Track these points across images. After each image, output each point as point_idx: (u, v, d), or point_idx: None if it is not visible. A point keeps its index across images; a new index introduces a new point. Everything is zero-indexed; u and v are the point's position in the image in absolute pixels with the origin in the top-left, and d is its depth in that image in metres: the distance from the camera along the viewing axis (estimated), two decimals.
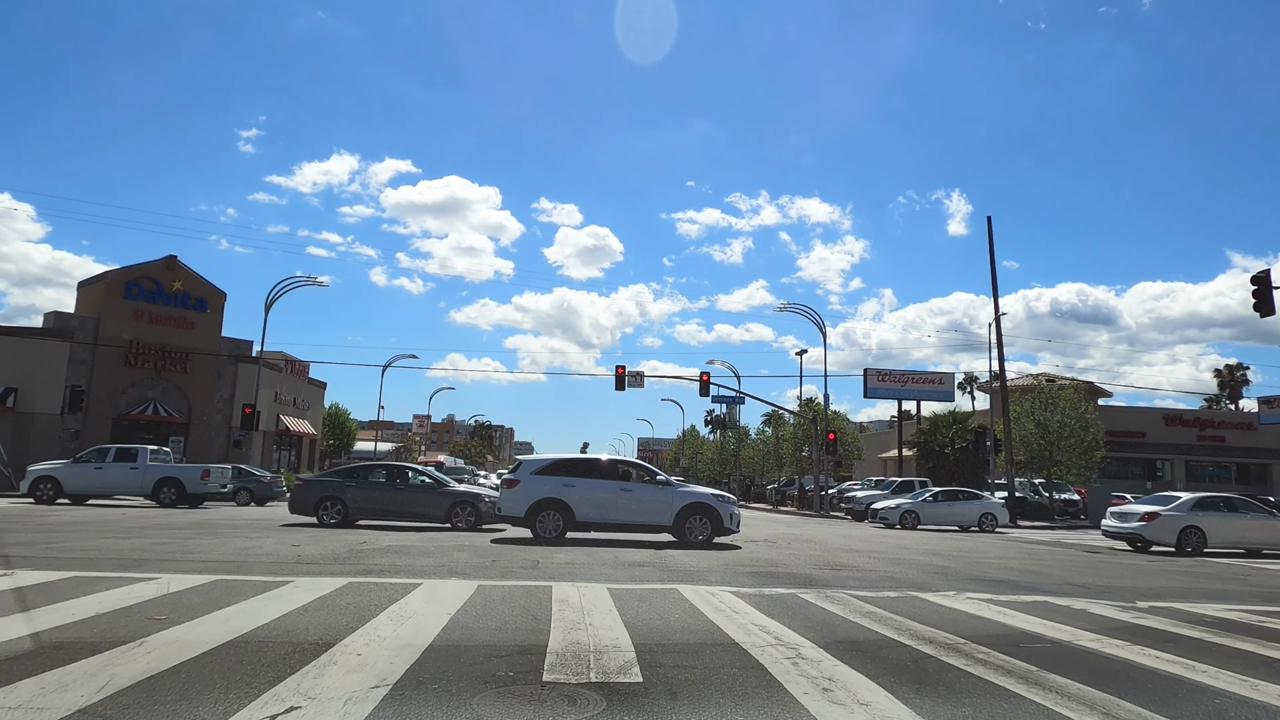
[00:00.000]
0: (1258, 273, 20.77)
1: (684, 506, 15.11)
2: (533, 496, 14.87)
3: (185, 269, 39.71)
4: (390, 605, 7.16)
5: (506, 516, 15.28)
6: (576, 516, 14.84)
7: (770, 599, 8.47)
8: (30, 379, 34.06)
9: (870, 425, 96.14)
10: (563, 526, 14.84)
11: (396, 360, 69.28)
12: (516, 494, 15.01)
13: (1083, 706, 4.54)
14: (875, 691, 4.70)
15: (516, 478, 15.23)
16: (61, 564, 9.37)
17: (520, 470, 15.43)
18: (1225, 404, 70.30)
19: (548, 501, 14.84)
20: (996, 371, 35.52)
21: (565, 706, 4.24)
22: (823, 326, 40.80)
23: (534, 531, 14.83)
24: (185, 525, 16.54)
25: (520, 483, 15.11)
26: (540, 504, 14.83)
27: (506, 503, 15.16)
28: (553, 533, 14.74)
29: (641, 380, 40.07)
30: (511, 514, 15.09)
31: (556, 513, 14.82)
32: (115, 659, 4.90)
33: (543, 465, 15.50)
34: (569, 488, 14.97)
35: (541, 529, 14.77)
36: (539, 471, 15.28)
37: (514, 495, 15.03)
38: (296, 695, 4.24)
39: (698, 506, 15.20)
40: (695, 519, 15.04)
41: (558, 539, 14.59)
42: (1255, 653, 6.42)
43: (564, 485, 14.99)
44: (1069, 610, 8.43)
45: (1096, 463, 37.13)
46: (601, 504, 14.98)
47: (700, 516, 15.07)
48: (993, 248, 36.36)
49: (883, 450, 60.37)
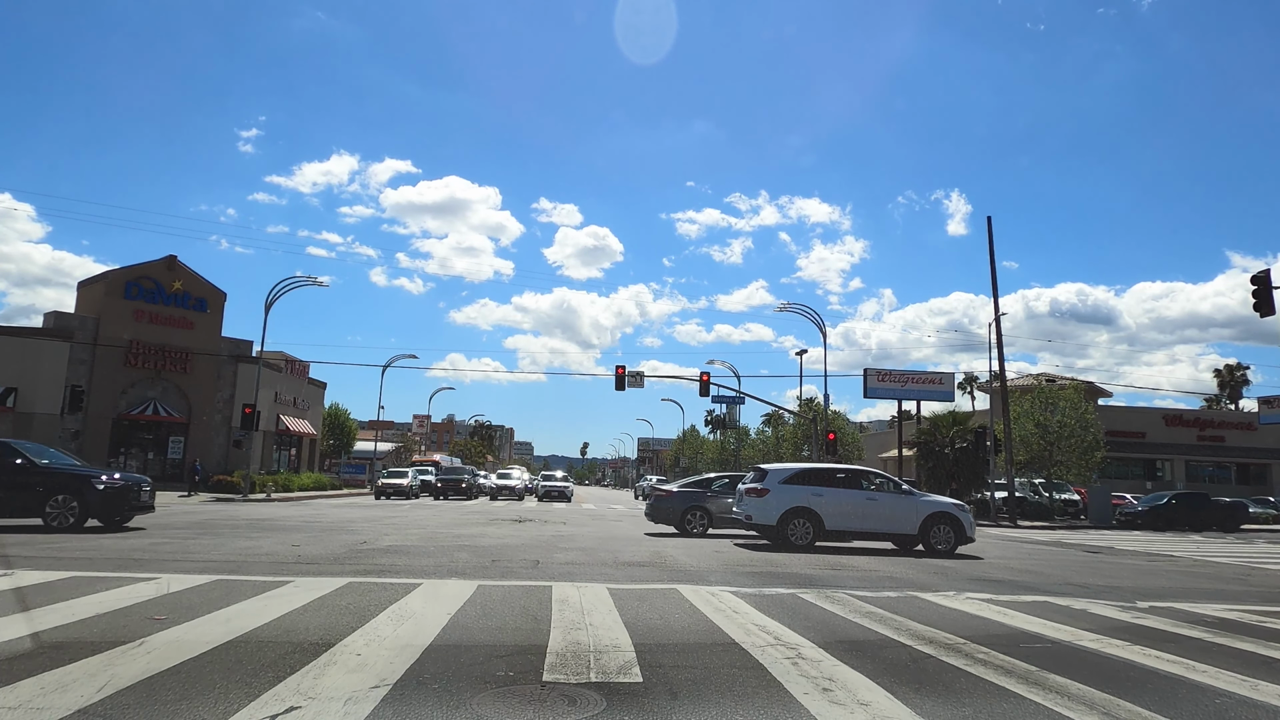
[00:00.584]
0: (1258, 273, 20.78)
1: (929, 515, 15.21)
2: (784, 505, 14.97)
3: (185, 269, 39.71)
4: (390, 605, 7.16)
5: (757, 525, 15.38)
6: (826, 525, 15.00)
7: (770, 599, 8.46)
8: (30, 379, 34.05)
9: (870, 425, 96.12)
10: (813, 535, 14.95)
11: (396, 360, 69.38)
12: (766, 503, 15.12)
13: (1083, 706, 4.53)
14: (875, 691, 4.70)
15: (765, 486, 15.30)
16: (61, 564, 9.37)
17: (768, 479, 15.51)
18: (1225, 404, 70.28)
19: (799, 510, 14.96)
20: (996, 371, 35.50)
21: (565, 706, 4.24)
22: (822, 326, 40.82)
23: (785, 539, 14.90)
24: (185, 525, 16.54)
25: (770, 492, 15.21)
26: (791, 513, 14.93)
27: (756, 511, 15.26)
28: (804, 540, 14.85)
29: (641, 380, 40.05)
30: (762, 522, 15.20)
31: (807, 521, 14.95)
32: (115, 659, 4.90)
33: (790, 474, 15.68)
34: (818, 497, 15.14)
35: (793, 537, 14.88)
36: (786, 480, 15.42)
37: (764, 504, 15.14)
38: (296, 695, 4.24)
39: (942, 515, 15.29)
40: (940, 527, 15.16)
41: (807, 547, 14.72)
42: (1255, 653, 6.42)
43: (813, 494, 15.16)
44: (1069, 610, 8.43)
45: (1096, 463, 37.12)
46: (850, 513, 15.15)
47: (944, 525, 15.20)
48: (993, 248, 36.37)
49: (883, 450, 60.37)
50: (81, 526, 14.18)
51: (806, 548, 14.63)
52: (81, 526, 14.18)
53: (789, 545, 14.74)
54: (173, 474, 38.43)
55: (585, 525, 21.74)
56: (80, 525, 14.19)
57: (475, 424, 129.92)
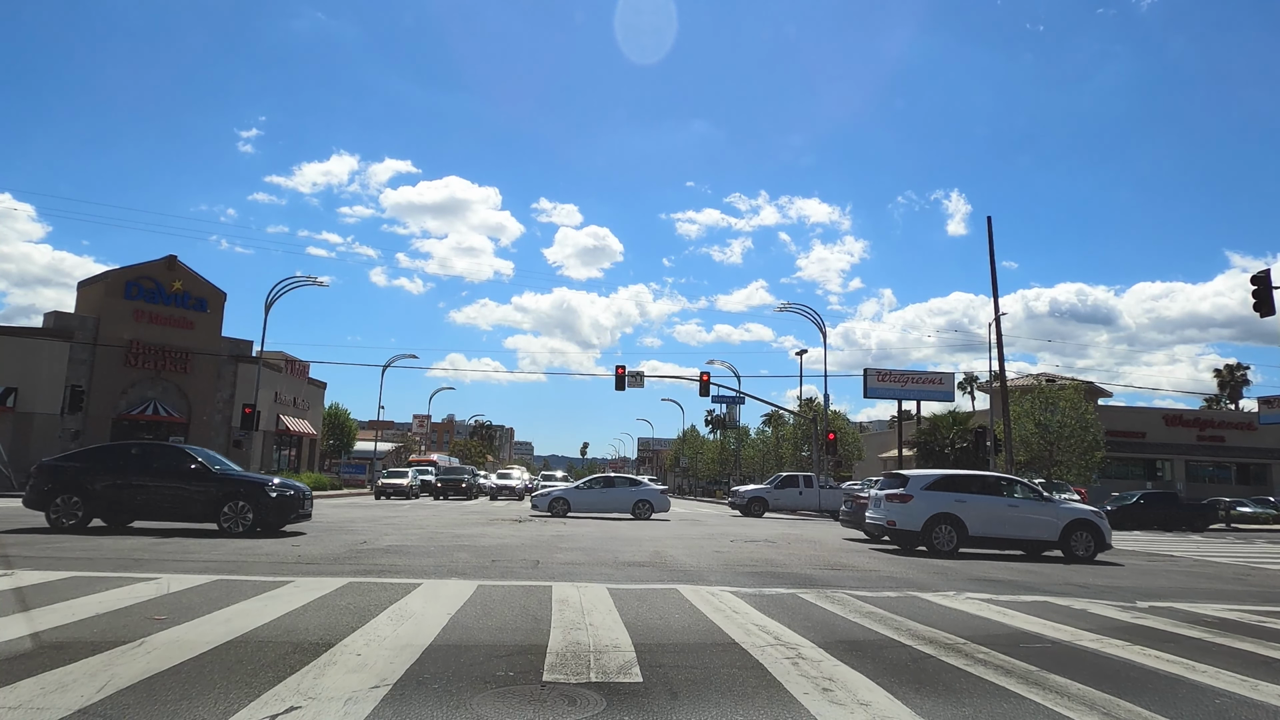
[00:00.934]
0: (1258, 273, 20.78)
1: (1070, 523, 15.28)
2: (929, 511, 15.05)
3: (185, 269, 39.70)
4: (390, 605, 7.16)
5: (900, 530, 15.44)
6: (969, 531, 15.05)
7: (770, 599, 8.46)
8: (30, 379, 34.04)
9: (870, 425, 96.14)
10: (956, 541, 15.01)
11: (396, 360, 69.36)
12: (911, 508, 15.20)
13: (1083, 706, 4.53)
14: (875, 691, 4.70)
15: (909, 492, 15.37)
16: (61, 564, 9.37)
17: (910, 485, 15.57)
18: (1225, 404, 70.27)
19: (943, 516, 15.03)
20: (996, 371, 35.47)
21: (565, 706, 4.24)
22: (822, 326, 40.83)
23: (929, 545, 15.01)
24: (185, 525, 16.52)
25: (914, 497, 15.29)
26: (936, 518, 15.01)
27: (900, 516, 15.30)
28: (947, 547, 14.92)
29: (641, 380, 40.06)
30: (907, 528, 15.26)
31: (951, 527, 15.02)
32: (115, 659, 4.90)
33: (932, 480, 15.73)
34: (961, 503, 15.20)
35: (937, 542, 14.98)
36: (929, 486, 15.48)
37: (908, 509, 15.23)
38: (296, 695, 4.24)
39: (1083, 523, 15.37)
40: (1080, 535, 15.23)
41: (951, 553, 14.79)
42: (1255, 653, 6.42)
43: (956, 500, 15.22)
44: (1069, 610, 8.43)
45: (1097, 463, 37.16)
46: (992, 519, 15.22)
47: (1084, 533, 15.27)
48: (992, 248, 36.29)
49: (883, 450, 60.38)
50: (254, 533, 14.28)
51: (950, 554, 14.77)
52: (254, 533, 14.28)
53: (933, 551, 14.89)
54: None
55: (585, 525, 21.75)
56: (253, 531, 14.30)
57: (475, 424, 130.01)
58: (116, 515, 14.58)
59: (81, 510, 13.94)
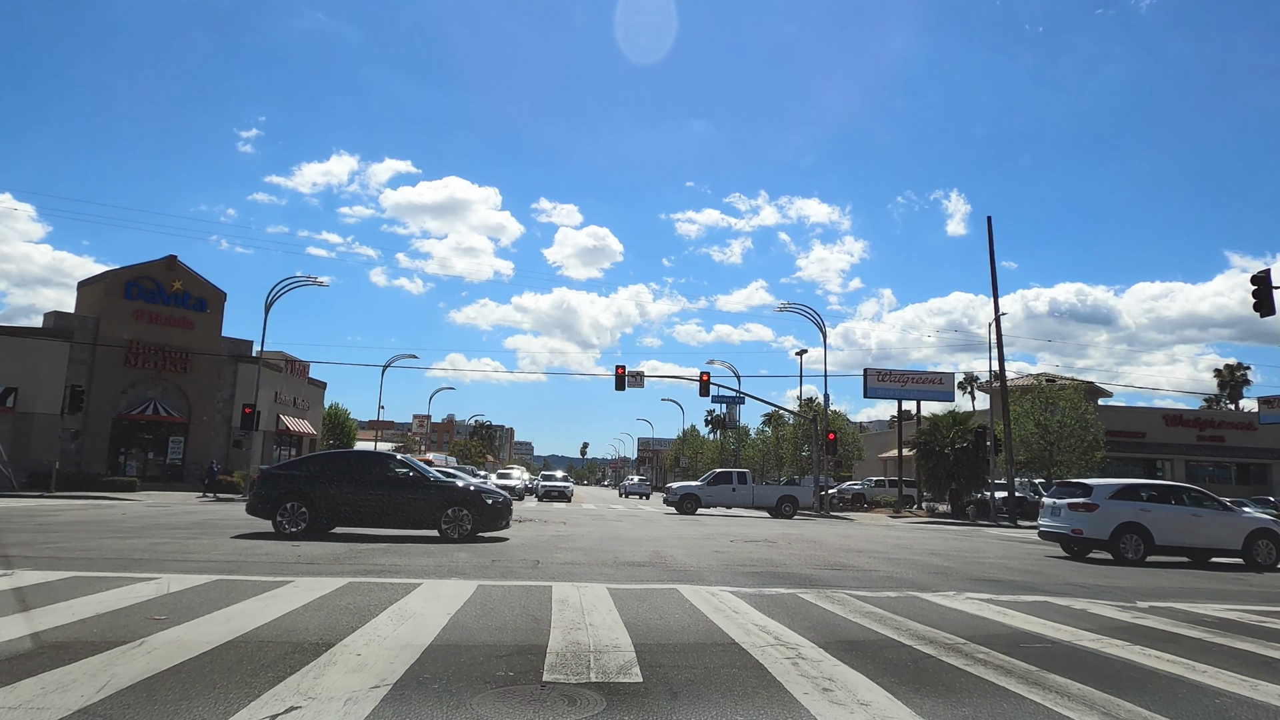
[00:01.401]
0: (1258, 273, 20.78)
1: (1252, 531, 15.55)
2: (1116, 520, 15.36)
3: (185, 269, 39.69)
4: (390, 605, 7.16)
5: (1087, 539, 15.77)
6: (1155, 540, 15.31)
7: (770, 599, 8.46)
8: (30, 379, 34.04)
9: (870, 425, 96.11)
10: (1143, 550, 15.28)
11: (396, 360, 69.39)
12: (1097, 517, 15.52)
13: (1083, 706, 4.53)
14: (875, 691, 4.70)
15: (1094, 501, 15.71)
16: (61, 564, 9.37)
17: (1095, 494, 15.92)
18: (1225, 404, 70.21)
19: (1130, 525, 15.34)
20: (996, 371, 35.50)
21: (565, 706, 4.24)
22: (822, 326, 40.81)
23: (1116, 553, 15.31)
24: (185, 525, 16.54)
25: (1099, 507, 15.60)
26: (1123, 527, 15.32)
27: (1087, 525, 15.62)
28: (1135, 555, 15.22)
29: (641, 380, 40.04)
30: (1094, 536, 15.60)
31: (1138, 536, 15.31)
32: (115, 659, 4.90)
33: (1116, 489, 16.07)
34: (1146, 512, 15.47)
35: (1124, 550, 15.27)
36: (1113, 496, 15.80)
37: (1095, 518, 15.55)
38: (296, 695, 4.24)
39: (1265, 531, 15.64)
40: (1262, 543, 15.48)
41: (1138, 562, 15.08)
42: (1255, 653, 6.42)
43: (1140, 510, 15.51)
44: (1069, 610, 8.43)
45: (1096, 463, 37.10)
46: (1177, 529, 15.48)
47: (1266, 541, 15.52)
48: (992, 248, 36.38)
49: (883, 450, 60.35)
50: (473, 538, 14.44)
51: (1138, 562, 15.04)
52: (473, 538, 14.44)
53: (1120, 559, 15.18)
54: (171, 474, 38.44)
55: (585, 525, 21.75)
56: (472, 536, 14.46)
57: (475, 424, 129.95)
58: (339, 522, 14.72)
59: (307, 518, 14.22)
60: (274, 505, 14.28)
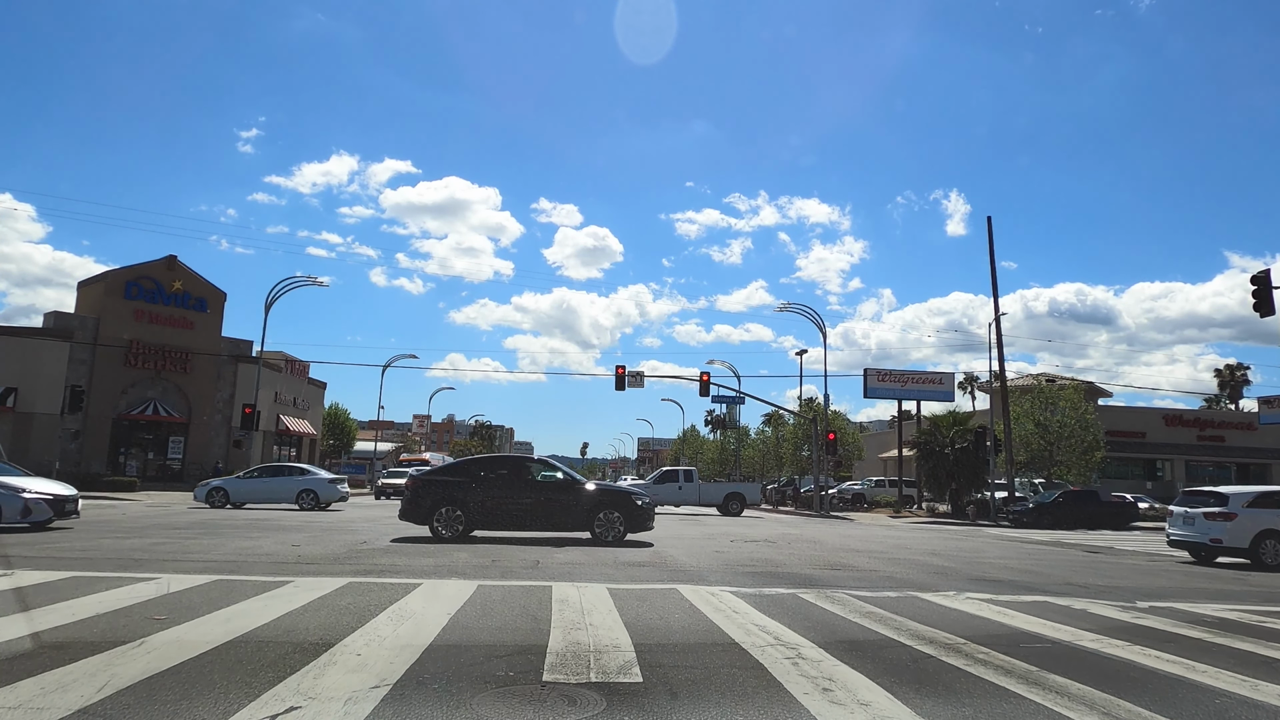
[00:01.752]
0: (1257, 273, 20.78)
1: None
2: (1256, 528, 15.59)
3: (185, 269, 39.72)
4: (390, 605, 7.16)
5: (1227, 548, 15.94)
6: None
7: (770, 599, 8.46)
8: (30, 379, 34.07)
9: (870, 425, 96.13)
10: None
11: (396, 360, 69.15)
12: (1237, 526, 15.73)
13: (1083, 706, 4.53)
14: (875, 691, 4.70)
15: (1232, 510, 15.92)
16: (61, 564, 9.38)
17: (1231, 503, 16.10)
18: (1225, 404, 70.22)
19: (1271, 533, 15.58)
20: (996, 371, 35.51)
21: (565, 706, 4.24)
22: (822, 326, 40.83)
23: (1254, 560, 15.59)
24: (186, 525, 16.55)
25: (1238, 515, 15.80)
26: (1263, 535, 15.57)
27: (1226, 534, 15.79)
28: (1275, 561, 15.46)
29: (641, 380, 40.05)
30: (1234, 545, 15.83)
31: (1278, 543, 15.60)
32: (115, 659, 4.90)
33: (1253, 497, 16.27)
34: None
35: (1264, 557, 15.50)
36: (1251, 504, 15.98)
37: (1234, 527, 15.75)
38: (296, 695, 4.24)
39: None
40: None
41: (1275, 567, 15.32)
42: (1255, 653, 6.42)
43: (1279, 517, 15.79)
44: (1069, 610, 8.43)
45: (1096, 463, 37.13)
46: None
47: None
48: (992, 248, 36.40)
49: (883, 450, 60.35)
50: (623, 540, 14.60)
51: (1275, 568, 15.29)
52: (623, 540, 14.60)
53: (1261, 565, 15.44)
54: (171, 474, 38.46)
55: None
56: (622, 539, 14.61)
57: (475, 424, 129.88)
58: (491, 526, 14.81)
59: (463, 523, 14.37)
60: (429, 511, 14.43)
